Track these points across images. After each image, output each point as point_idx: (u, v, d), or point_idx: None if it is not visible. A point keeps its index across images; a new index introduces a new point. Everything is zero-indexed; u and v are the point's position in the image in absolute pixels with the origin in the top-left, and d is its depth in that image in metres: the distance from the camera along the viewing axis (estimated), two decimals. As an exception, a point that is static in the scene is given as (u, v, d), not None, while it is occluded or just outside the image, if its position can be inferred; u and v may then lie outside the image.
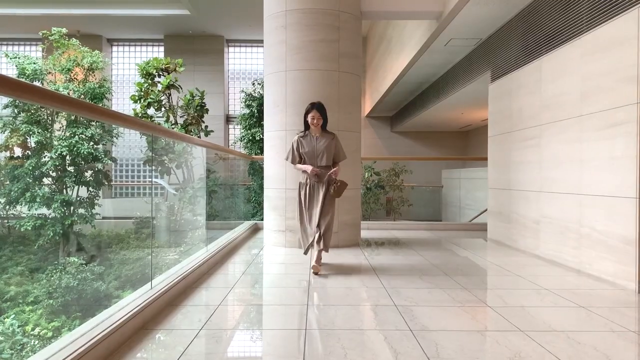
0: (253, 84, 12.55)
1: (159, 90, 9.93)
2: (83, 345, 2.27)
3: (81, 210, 10.87)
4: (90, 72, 11.52)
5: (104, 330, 2.48)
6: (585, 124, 4.60)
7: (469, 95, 9.64)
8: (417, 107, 13.30)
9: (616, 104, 4.12)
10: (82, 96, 11.08)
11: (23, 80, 9.78)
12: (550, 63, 5.29)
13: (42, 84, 11.15)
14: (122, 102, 17.16)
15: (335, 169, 4.76)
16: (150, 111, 9.98)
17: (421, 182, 13.58)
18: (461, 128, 16.29)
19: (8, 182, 10.65)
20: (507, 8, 6.22)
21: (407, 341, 2.73)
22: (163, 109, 10.01)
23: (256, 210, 10.84)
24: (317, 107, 4.78)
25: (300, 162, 4.89)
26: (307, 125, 4.88)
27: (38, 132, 10.48)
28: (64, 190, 10.84)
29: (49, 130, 10.84)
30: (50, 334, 7.67)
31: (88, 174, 11.10)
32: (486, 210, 7.41)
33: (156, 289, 3.36)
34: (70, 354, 2.17)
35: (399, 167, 11.36)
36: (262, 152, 10.34)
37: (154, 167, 9.64)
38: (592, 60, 4.51)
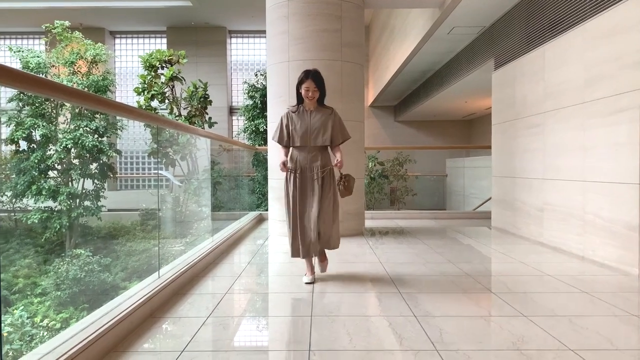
0: (256, 74, 12.55)
1: (162, 82, 9.96)
2: (93, 333, 2.31)
3: (87, 203, 10.96)
4: (94, 65, 11.57)
5: (113, 318, 2.52)
6: (588, 110, 4.60)
7: (472, 83, 9.62)
8: (421, 96, 13.28)
9: (620, 90, 4.12)
10: (86, 89, 11.12)
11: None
12: (554, 50, 5.28)
13: (46, 77, 11.19)
14: (126, 94, 17.20)
15: (338, 159, 3.84)
16: (154, 103, 10.02)
17: (425, 171, 13.60)
18: (465, 117, 16.27)
19: (14, 176, 10.73)
20: (510, -5, 6.21)
21: (411, 327, 2.77)
22: (166, 101, 10.04)
23: (260, 201, 10.89)
24: (312, 75, 3.84)
25: (288, 143, 3.97)
26: (300, 99, 3.96)
27: (43, 126, 10.53)
28: (70, 183, 10.92)
29: (54, 123, 10.90)
30: (58, 325, 7.76)
31: (93, 166, 11.17)
32: (490, 198, 7.43)
33: (163, 277, 3.40)
34: (81, 341, 2.21)
35: (402, 157, 11.38)
36: (265, 143, 10.38)
37: (158, 159, 9.68)
38: (596, 46, 4.50)
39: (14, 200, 10.97)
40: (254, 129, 11.84)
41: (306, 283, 3.80)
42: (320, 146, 3.91)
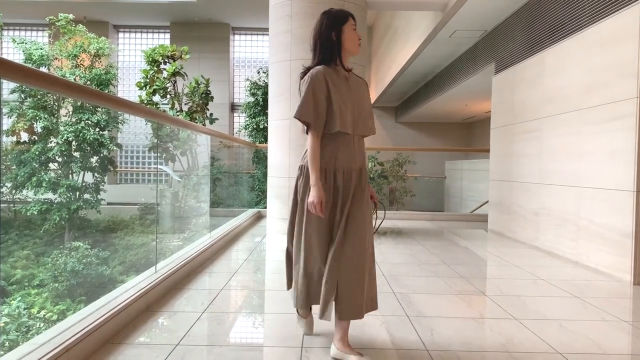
0: (258, 72, 12.60)
1: (164, 78, 9.99)
2: (90, 325, 2.36)
3: (87, 196, 11.00)
4: (97, 59, 11.61)
5: (110, 311, 2.56)
6: (585, 117, 4.63)
7: (473, 87, 9.66)
8: (422, 97, 13.31)
9: (616, 98, 4.16)
10: (89, 82, 11.16)
11: (29, 65, 9.86)
12: (553, 56, 5.32)
13: (49, 70, 11.24)
14: (128, 88, 17.25)
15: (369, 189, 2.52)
16: (156, 98, 10.05)
17: (424, 172, 13.65)
18: (465, 119, 16.30)
19: (14, 167, 10.77)
20: (511, 1, 6.23)
21: (404, 326, 2.81)
22: (168, 96, 10.07)
23: (260, 198, 10.94)
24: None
25: (318, 124, 2.30)
26: (331, 54, 2.40)
27: (44, 118, 10.57)
28: (70, 176, 10.96)
29: (55, 115, 10.94)
30: (55, 316, 7.80)
31: (94, 159, 11.21)
32: (487, 202, 7.46)
33: (160, 272, 3.45)
34: (78, 332, 2.25)
35: (402, 158, 11.42)
36: (266, 141, 10.40)
37: (159, 154, 9.72)
38: (594, 54, 4.54)
39: (13, 191, 11.02)
40: (255, 126, 11.89)
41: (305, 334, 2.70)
42: (362, 137, 2.55)
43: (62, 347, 2.10)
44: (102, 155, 11.35)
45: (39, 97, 10.71)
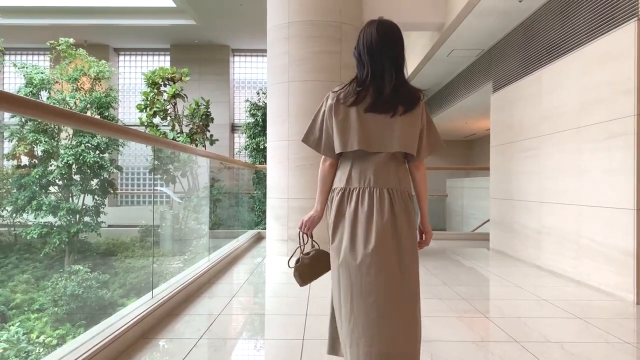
0: (258, 93, 12.67)
1: (164, 100, 10.04)
2: (84, 354, 2.32)
3: (87, 219, 10.98)
4: (97, 82, 11.67)
5: (104, 339, 2.53)
6: (583, 135, 4.63)
7: (472, 105, 9.69)
8: (421, 116, 13.32)
9: (614, 116, 4.16)
10: (89, 105, 11.21)
11: (27, 91, 9.84)
12: (550, 75, 5.33)
13: (49, 94, 11.30)
14: (129, 111, 17.31)
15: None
16: (156, 120, 10.09)
17: (425, 191, 13.58)
18: (466, 137, 16.32)
19: (15, 191, 10.78)
20: (507, 20, 6.28)
21: (403, 351, 2.76)
22: (169, 118, 10.11)
23: (260, 219, 10.90)
24: None
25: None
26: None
27: (45, 141, 10.61)
28: (70, 199, 10.95)
29: (56, 139, 10.97)
30: (55, 341, 7.73)
31: (94, 182, 11.22)
32: (488, 220, 7.42)
33: (157, 298, 3.41)
34: (71, 363, 2.22)
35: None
36: (266, 161, 10.43)
37: (159, 176, 9.72)
38: (591, 72, 4.55)
39: (14, 215, 11.01)
40: (255, 146, 11.91)
41: None
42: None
43: (53, 378, 2.07)
44: (102, 177, 11.35)
45: (39, 120, 10.75)
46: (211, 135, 10.57)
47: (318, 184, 2.15)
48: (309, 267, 2.20)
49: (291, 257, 2.21)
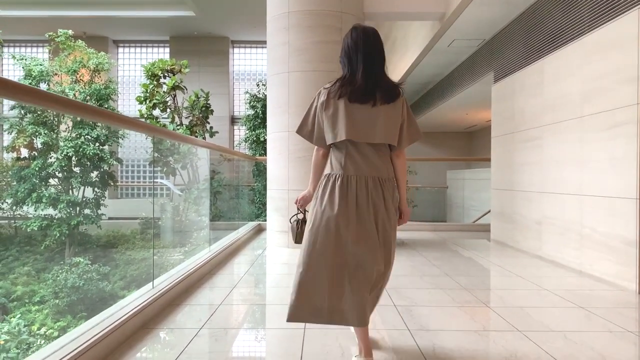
0: (257, 84, 12.61)
1: (164, 92, 9.99)
2: (84, 343, 2.31)
3: (87, 211, 10.98)
4: (96, 74, 11.63)
5: (105, 329, 2.51)
6: (586, 125, 4.60)
7: (473, 95, 9.65)
8: (422, 107, 13.31)
9: (617, 105, 4.13)
10: (88, 97, 11.18)
11: (26, 83, 9.85)
12: (552, 64, 5.30)
13: (49, 86, 11.26)
14: (128, 103, 17.29)
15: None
16: (156, 112, 10.04)
17: (426, 183, 13.60)
18: (466, 128, 16.28)
19: (15, 183, 10.76)
20: (509, 9, 6.23)
21: (405, 340, 2.75)
22: (168, 110, 10.07)
23: (260, 211, 10.89)
24: None
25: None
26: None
27: (44, 133, 10.58)
28: (70, 191, 10.94)
29: (55, 131, 10.94)
30: (56, 333, 7.75)
31: (94, 174, 11.20)
32: (489, 211, 7.41)
33: (157, 288, 3.40)
34: (72, 351, 2.20)
35: (403, 168, 11.36)
36: (266, 153, 10.40)
37: (159, 168, 9.70)
38: (593, 61, 4.51)
39: (14, 207, 11.00)
40: (255, 138, 11.88)
41: None
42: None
43: (54, 367, 2.05)
44: (102, 170, 11.33)
45: (38, 112, 10.72)
46: (211, 128, 10.54)
47: (311, 170, 2.52)
48: (302, 228, 2.69)
49: (294, 215, 2.82)
